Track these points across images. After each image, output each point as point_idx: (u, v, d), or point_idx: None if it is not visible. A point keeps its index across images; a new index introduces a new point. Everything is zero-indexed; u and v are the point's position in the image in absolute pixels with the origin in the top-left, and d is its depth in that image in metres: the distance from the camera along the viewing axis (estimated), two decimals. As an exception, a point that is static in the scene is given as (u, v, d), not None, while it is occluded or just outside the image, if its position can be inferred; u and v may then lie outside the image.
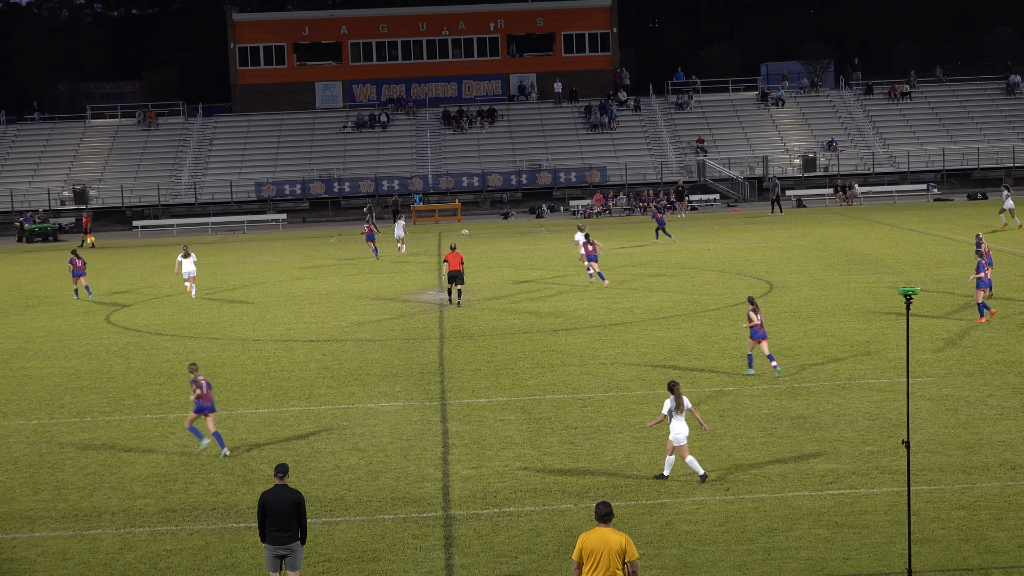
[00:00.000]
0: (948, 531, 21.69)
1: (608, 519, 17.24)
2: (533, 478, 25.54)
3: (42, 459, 28.38)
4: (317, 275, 61.71)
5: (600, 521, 17.25)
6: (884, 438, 27.26)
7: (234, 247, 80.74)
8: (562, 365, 36.56)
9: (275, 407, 32.70)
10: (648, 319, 43.96)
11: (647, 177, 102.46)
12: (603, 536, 17.09)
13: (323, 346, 41.48)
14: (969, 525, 21.92)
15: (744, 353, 35.53)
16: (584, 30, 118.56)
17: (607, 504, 17.32)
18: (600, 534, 17.13)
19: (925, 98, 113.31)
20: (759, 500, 23.63)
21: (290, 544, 19.40)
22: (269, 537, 19.39)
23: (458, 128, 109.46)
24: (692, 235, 74.38)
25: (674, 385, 24.97)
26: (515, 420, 30.22)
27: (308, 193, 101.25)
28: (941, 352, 36.20)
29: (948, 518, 22.29)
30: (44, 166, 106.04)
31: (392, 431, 29.64)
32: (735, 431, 28.34)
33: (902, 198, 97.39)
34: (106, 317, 50.06)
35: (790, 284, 51.29)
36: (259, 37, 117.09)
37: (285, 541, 19.37)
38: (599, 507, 17.34)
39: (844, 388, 32.10)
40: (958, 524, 21.99)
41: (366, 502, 24.51)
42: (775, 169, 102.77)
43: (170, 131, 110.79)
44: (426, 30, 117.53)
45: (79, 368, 39.24)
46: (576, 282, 54.61)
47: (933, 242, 64.54)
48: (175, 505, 24.75)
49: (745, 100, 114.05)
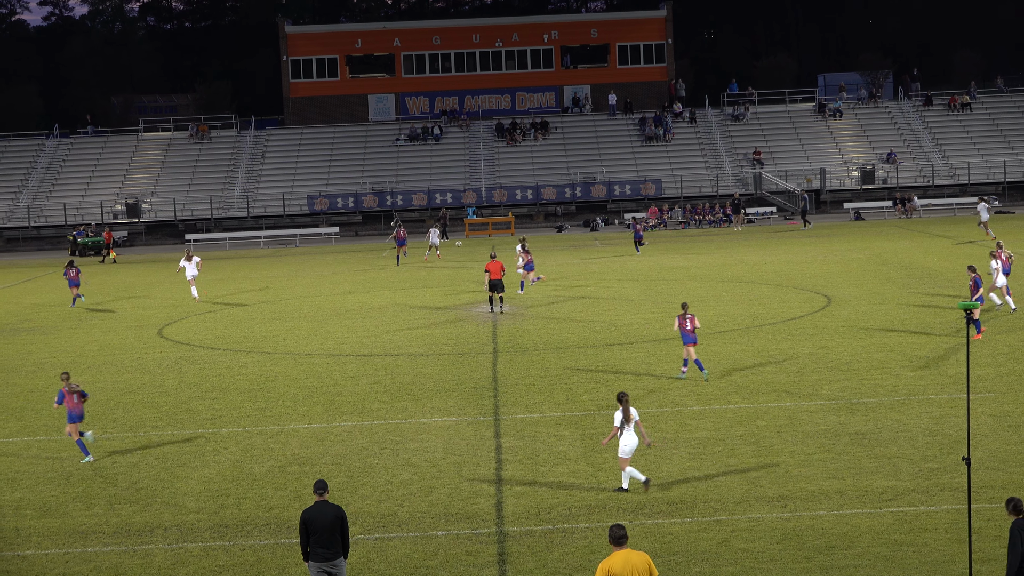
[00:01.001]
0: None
1: (624, 541, 17.18)
2: (587, 494, 25.49)
3: (95, 474, 28.56)
4: (370, 288, 61.88)
5: (616, 544, 17.18)
6: (944, 455, 27.07)
7: (286, 261, 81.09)
8: (616, 380, 36.49)
9: (327, 422, 32.79)
10: (704, 333, 43.79)
11: (703, 190, 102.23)
12: (627, 559, 17.03)
13: (375, 360, 41.57)
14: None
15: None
16: (639, 41, 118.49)
17: (621, 527, 17.27)
18: (623, 557, 17.05)
19: (985, 109, 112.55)
20: (817, 517, 23.50)
21: (335, 560, 19.48)
22: (314, 555, 19.47)
23: (511, 141, 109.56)
24: (748, 248, 74.16)
25: (623, 397, 25.46)
26: (569, 435, 30.18)
27: (361, 206, 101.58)
28: (1002, 367, 35.92)
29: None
30: (97, 179, 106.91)
31: (445, 446, 29.65)
32: (792, 447, 28.20)
33: (962, 211, 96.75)
34: (158, 331, 50.37)
35: (848, 298, 51.03)
36: (312, 50, 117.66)
37: (331, 557, 19.45)
38: (614, 529, 17.26)
39: (903, 404, 31.89)
40: (1020, 543, 21.78)
41: (419, 518, 24.53)
42: (832, 181, 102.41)
43: (222, 144, 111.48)
44: (479, 42, 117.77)
45: (131, 382, 39.49)
46: (630, 296, 54.53)
47: (994, 255, 64.00)
48: (227, 520, 24.85)
49: (802, 111, 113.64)
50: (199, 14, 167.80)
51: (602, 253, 75.66)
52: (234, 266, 77.69)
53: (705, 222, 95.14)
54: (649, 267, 66.26)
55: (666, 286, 57.36)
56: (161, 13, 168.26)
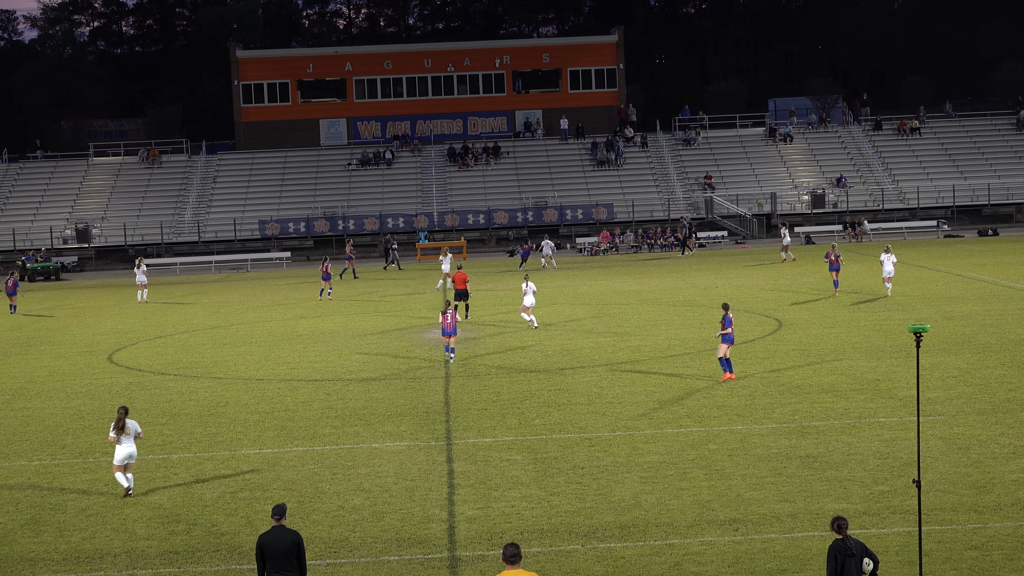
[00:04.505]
0: (960, 572, 21.60)
1: (516, 560, 17.15)
2: (540, 519, 25.48)
3: (44, 500, 28.35)
4: (321, 313, 61.74)
5: (508, 563, 17.16)
6: (895, 477, 27.20)
7: (238, 286, 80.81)
8: (569, 404, 36.52)
9: (279, 447, 32.66)
10: (655, 357, 43.93)
11: (654, 214, 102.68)
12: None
13: (327, 385, 41.47)
14: (981, 566, 21.83)
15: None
16: (590, 66, 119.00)
17: (515, 546, 17.23)
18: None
19: (935, 133, 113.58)
20: (768, 540, 23.56)
21: (291, 586, 19.37)
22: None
23: (463, 165, 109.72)
24: (700, 272, 74.43)
25: (123, 410, 27.87)
26: (521, 460, 30.16)
27: (312, 231, 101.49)
28: (952, 390, 36.15)
29: (960, 559, 22.20)
30: (47, 205, 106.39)
31: (397, 471, 29.59)
32: (744, 470, 28.27)
33: (912, 234, 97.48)
34: (108, 356, 50.09)
35: (799, 322, 51.27)
36: (263, 74, 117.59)
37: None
38: (508, 548, 17.21)
39: (854, 427, 32.04)
40: (970, 565, 21.90)
41: (371, 543, 24.46)
42: (782, 205, 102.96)
43: (173, 169, 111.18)
44: (431, 67, 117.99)
45: (81, 408, 39.23)
46: (582, 320, 54.61)
47: (943, 279, 64.56)
48: (177, 547, 24.70)
49: (753, 136, 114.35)
50: (150, 38, 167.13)
51: (553, 277, 75.73)
52: (184, 291, 77.32)
53: (657, 246, 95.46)
54: (601, 291, 66.40)
55: (617, 310, 57.48)
56: (111, 37, 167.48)
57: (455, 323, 44.14)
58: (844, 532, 18.24)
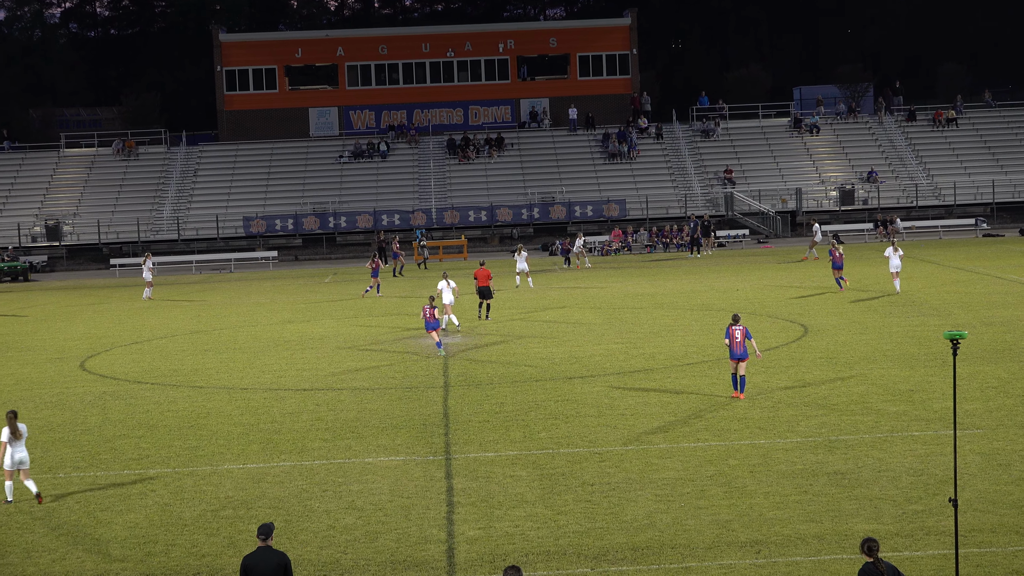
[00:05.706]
0: (1000, 598, 21.61)
1: None
2: (546, 540, 25.46)
3: (10, 519, 28.33)
4: (310, 318, 61.77)
5: None
6: (930, 496, 27.17)
7: (220, 287, 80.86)
8: (577, 416, 36.50)
9: (264, 462, 32.66)
10: (671, 365, 43.90)
11: (670, 211, 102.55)
12: None
13: (317, 395, 41.46)
14: (1023, 591, 21.85)
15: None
16: (601, 51, 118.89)
17: (518, 569, 17.28)
18: None
19: (973, 125, 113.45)
20: (793, 564, 23.53)
21: (277, 611, 19.37)
22: (254, 605, 19.36)
23: (464, 158, 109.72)
24: (719, 274, 74.42)
25: (12, 415, 28.88)
26: (526, 476, 30.15)
27: (301, 228, 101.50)
28: (991, 401, 36.12)
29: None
30: (14, 199, 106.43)
31: (392, 488, 29.58)
32: (767, 488, 28.25)
33: (948, 233, 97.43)
34: (80, 364, 50.11)
35: (826, 327, 51.24)
36: (248, 59, 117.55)
37: (272, 608, 19.33)
38: (509, 571, 17.25)
39: (886, 441, 32.01)
40: (1011, 590, 21.92)
41: (363, 566, 24.45)
42: (808, 202, 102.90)
43: (151, 161, 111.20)
44: (429, 51, 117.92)
45: (51, 419, 39.22)
46: (592, 325, 54.61)
47: (982, 281, 64.51)
48: (155, 569, 24.69)
49: (776, 127, 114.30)
50: (126, 20, 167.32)
51: (563, 279, 75.75)
52: (163, 293, 77.35)
53: (672, 246, 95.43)
54: (612, 294, 66.40)
55: (630, 314, 57.47)
56: (84, 19, 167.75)
57: (435, 316, 47.32)
58: (875, 555, 18.23)
